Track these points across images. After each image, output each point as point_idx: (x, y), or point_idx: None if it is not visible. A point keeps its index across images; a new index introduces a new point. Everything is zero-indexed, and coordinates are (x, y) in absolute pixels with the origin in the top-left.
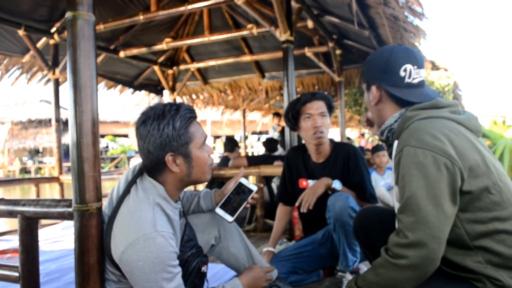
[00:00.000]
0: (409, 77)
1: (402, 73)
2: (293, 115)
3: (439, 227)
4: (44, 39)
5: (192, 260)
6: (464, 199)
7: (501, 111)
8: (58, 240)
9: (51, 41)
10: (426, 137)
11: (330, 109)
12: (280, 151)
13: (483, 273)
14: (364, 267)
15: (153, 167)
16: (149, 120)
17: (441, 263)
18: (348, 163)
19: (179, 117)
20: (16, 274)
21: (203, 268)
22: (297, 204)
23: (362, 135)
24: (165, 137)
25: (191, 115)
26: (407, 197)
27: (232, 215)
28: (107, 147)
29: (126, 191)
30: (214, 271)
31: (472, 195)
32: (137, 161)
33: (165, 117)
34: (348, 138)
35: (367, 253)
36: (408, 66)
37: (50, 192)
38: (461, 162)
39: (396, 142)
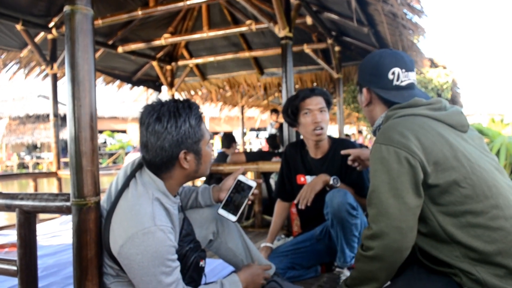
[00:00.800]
0: (397, 80)
1: (390, 76)
2: (292, 111)
3: (400, 218)
4: (42, 34)
5: (190, 255)
6: (432, 192)
7: (500, 109)
8: (56, 235)
9: (49, 36)
10: (392, 134)
11: (329, 104)
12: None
13: (459, 267)
14: None
15: (163, 164)
16: (164, 117)
17: (422, 256)
18: (346, 160)
19: (194, 115)
20: (14, 268)
21: (201, 263)
22: (295, 201)
23: (360, 132)
24: (182, 134)
25: (201, 113)
26: (371, 190)
27: (235, 215)
28: (105, 142)
29: (125, 185)
30: (212, 266)
31: (440, 188)
32: (132, 156)
33: (181, 115)
34: (347, 135)
35: None
36: (396, 70)
37: (48, 187)
38: (424, 156)
39: None
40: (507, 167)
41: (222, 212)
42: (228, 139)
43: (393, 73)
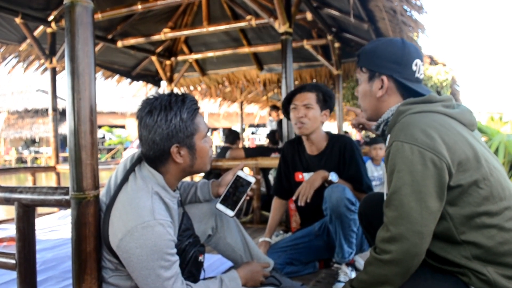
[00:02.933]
0: (418, 72)
1: (414, 67)
2: (283, 105)
3: (421, 222)
4: (41, 28)
5: (189, 250)
6: (452, 193)
7: (499, 107)
8: (54, 229)
9: (49, 30)
10: (415, 132)
11: (325, 102)
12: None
13: (469, 267)
14: (360, 259)
15: (156, 157)
16: (155, 110)
17: (427, 256)
18: (344, 155)
19: (186, 108)
20: (13, 261)
21: (200, 258)
22: (294, 198)
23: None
24: (172, 128)
25: (196, 107)
26: (392, 192)
27: (233, 210)
28: (103, 137)
29: (124, 179)
30: (211, 261)
31: (460, 189)
32: (130, 152)
33: (172, 108)
34: (346, 132)
35: (368, 237)
36: (419, 61)
37: (47, 182)
38: (449, 157)
39: (389, 136)
40: (506, 165)
41: (220, 207)
42: (232, 135)
43: (416, 64)
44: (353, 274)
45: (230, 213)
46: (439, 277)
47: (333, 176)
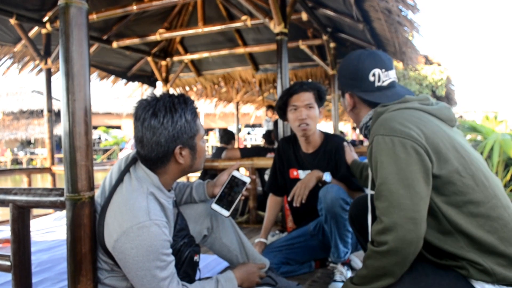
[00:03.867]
0: (379, 81)
1: (371, 78)
2: (280, 107)
3: (413, 208)
4: (36, 29)
5: (185, 250)
6: (436, 183)
7: (494, 106)
8: (50, 230)
9: (43, 31)
10: (394, 125)
11: (320, 99)
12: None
13: (466, 258)
14: (355, 258)
15: (158, 159)
16: (160, 112)
17: (425, 250)
18: (337, 154)
19: (189, 110)
20: (8, 263)
21: (196, 258)
22: (289, 198)
23: (354, 128)
24: (178, 129)
25: (196, 107)
26: (379, 183)
27: (228, 210)
28: (99, 138)
29: (119, 180)
30: (206, 262)
31: (443, 179)
32: (125, 153)
33: (177, 110)
34: (341, 132)
35: (361, 240)
36: (376, 71)
37: (42, 183)
38: (428, 145)
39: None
40: (501, 164)
41: (215, 207)
42: (227, 135)
43: (374, 75)
44: (349, 274)
45: (226, 213)
46: (440, 272)
47: (327, 176)
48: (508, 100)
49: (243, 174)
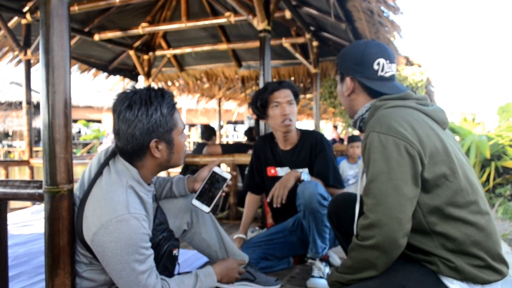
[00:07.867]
0: (382, 71)
1: (375, 66)
2: (261, 104)
3: (399, 208)
4: (15, 19)
5: (164, 244)
6: (423, 185)
7: (472, 108)
8: (27, 224)
9: (23, 21)
10: (390, 123)
11: (296, 97)
12: None
13: (438, 255)
14: (333, 254)
15: (134, 152)
16: (135, 105)
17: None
18: (315, 149)
19: (166, 104)
20: None
21: (175, 252)
22: (268, 199)
23: (335, 127)
24: (153, 123)
25: (174, 102)
26: (370, 180)
27: (209, 205)
28: (79, 132)
29: (99, 173)
30: (186, 257)
31: (430, 182)
32: (105, 146)
33: (152, 103)
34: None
35: (339, 237)
36: (381, 60)
37: (20, 176)
38: (421, 148)
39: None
40: (477, 165)
41: (195, 202)
42: (208, 131)
43: (378, 64)
44: (327, 270)
45: (206, 209)
46: (409, 268)
47: (305, 176)
48: (486, 102)
49: (223, 170)
